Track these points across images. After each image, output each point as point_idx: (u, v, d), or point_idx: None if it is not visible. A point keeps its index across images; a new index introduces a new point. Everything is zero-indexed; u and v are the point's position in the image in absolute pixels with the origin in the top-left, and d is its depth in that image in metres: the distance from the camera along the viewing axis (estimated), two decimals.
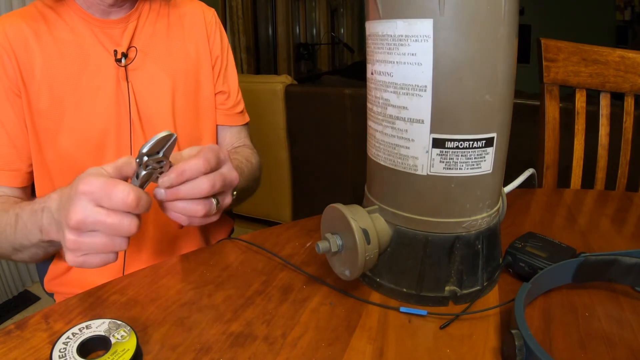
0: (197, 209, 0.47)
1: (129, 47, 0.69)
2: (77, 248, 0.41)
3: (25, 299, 1.71)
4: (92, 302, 0.45)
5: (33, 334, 0.40)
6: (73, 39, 0.66)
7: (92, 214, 0.40)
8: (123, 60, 0.68)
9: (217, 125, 0.80)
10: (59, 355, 0.35)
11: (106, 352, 0.35)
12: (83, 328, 0.38)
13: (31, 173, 0.67)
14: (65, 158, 0.67)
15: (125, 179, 0.44)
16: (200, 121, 0.78)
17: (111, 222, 0.40)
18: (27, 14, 0.66)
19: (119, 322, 0.38)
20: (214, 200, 0.48)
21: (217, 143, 0.81)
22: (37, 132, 0.66)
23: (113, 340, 0.36)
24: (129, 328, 0.38)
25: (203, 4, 0.81)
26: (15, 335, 0.40)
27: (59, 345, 0.36)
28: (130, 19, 0.70)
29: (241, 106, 0.83)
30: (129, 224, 0.41)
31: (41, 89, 0.64)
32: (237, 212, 2.12)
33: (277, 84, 1.93)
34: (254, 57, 3.50)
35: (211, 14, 0.80)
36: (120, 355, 0.35)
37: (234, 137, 0.83)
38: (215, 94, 0.79)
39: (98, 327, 0.38)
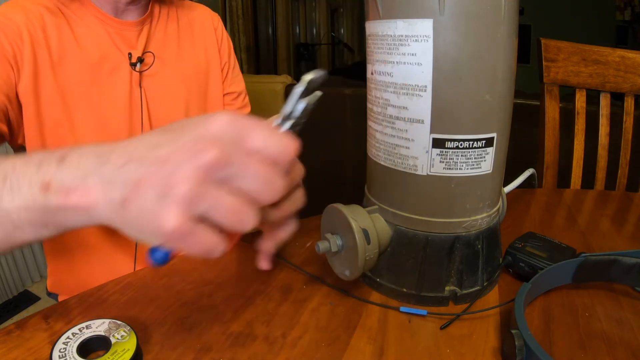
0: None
1: (144, 52, 0.67)
2: (196, 202, 0.26)
3: (25, 299, 1.71)
4: (92, 302, 0.45)
5: (33, 334, 0.40)
6: (89, 34, 0.64)
7: (240, 151, 0.27)
8: (138, 65, 0.66)
9: None
10: (59, 355, 0.35)
11: (106, 352, 0.35)
12: (83, 328, 0.38)
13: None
14: None
15: None
16: None
17: (265, 171, 0.27)
18: (43, 3, 0.63)
19: (119, 322, 0.38)
20: None
21: None
22: (43, 121, 0.62)
23: (113, 340, 0.36)
24: (129, 328, 0.38)
25: (209, 10, 0.82)
26: (15, 335, 0.40)
27: (59, 345, 0.36)
28: (145, 21, 0.69)
29: (248, 109, 0.83)
30: (280, 186, 0.28)
31: (58, 77, 0.62)
32: None
33: (277, 84, 1.93)
34: (254, 57, 3.50)
35: (217, 20, 0.81)
36: (120, 355, 0.35)
37: None
38: (223, 95, 0.79)
39: (98, 327, 0.38)
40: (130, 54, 0.66)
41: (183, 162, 0.26)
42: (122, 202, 0.27)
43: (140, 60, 0.67)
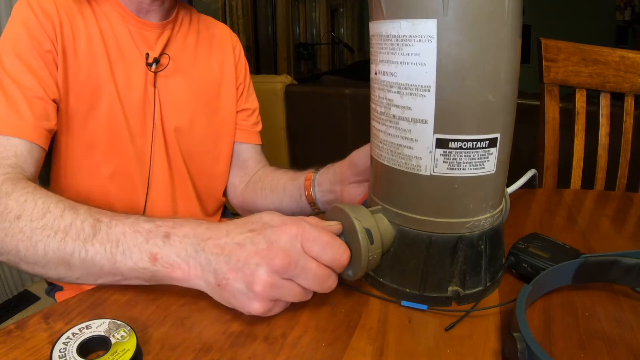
0: None
1: (161, 54, 0.69)
2: (271, 293, 0.38)
3: (25, 299, 1.70)
4: (92, 302, 0.44)
5: (33, 334, 0.40)
6: (111, 30, 0.66)
7: (303, 259, 0.38)
8: (154, 66, 0.68)
9: (235, 142, 0.82)
10: (59, 355, 0.35)
11: (106, 352, 0.35)
12: (83, 328, 0.37)
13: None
14: (88, 146, 0.66)
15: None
16: (219, 139, 0.79)
17: (320, 274, 0.38)
18: None
19: (119, 322, 0.38)
20: None
21: (231, 161, 0.83)
22: (69, 112, 0.64)
23: (113, 340, 0.36)
24: (129, 328, 0.38)
25: (229, 29, 0.84)
26: (15, 335, 0.39)
27: (59, 345, 0.36)
28: (166, 26, 0.70)
29: (260, 125, 0.86)
30: (332, 283, 0.39)
31: (81, 67, 0.63)
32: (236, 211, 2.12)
33: (277, 84, 1.93)
34: (254, 57, 3.50)
35: (236, 40, 0.84)
36: (120, 355, 0.35)
37: (258, 157, 0.85)
38: (237, 112, 0.81)
39: (98, 327, 0.38)
40: (147, 54, 0.67)
41: (260, 265, 0.37)
42: (216, 285, 0.38)
43: (157, 61, 0.68)
